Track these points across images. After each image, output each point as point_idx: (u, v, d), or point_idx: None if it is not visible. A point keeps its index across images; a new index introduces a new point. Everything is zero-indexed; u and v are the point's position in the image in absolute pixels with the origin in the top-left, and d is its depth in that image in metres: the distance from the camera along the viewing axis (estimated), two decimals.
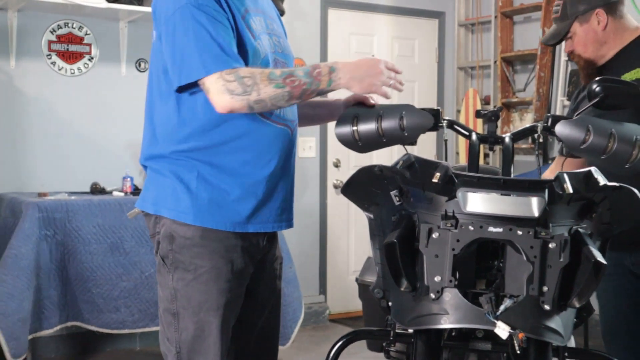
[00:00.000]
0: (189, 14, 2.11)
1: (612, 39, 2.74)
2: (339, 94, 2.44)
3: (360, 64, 2.15)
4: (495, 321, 1.72)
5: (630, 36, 2.74)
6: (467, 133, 2.10)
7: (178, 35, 2.13)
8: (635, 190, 1.82)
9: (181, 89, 2.16)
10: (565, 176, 1.74)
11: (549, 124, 2.03)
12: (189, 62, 2.11)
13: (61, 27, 4.82)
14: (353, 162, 5.79)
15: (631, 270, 2.67)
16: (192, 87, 2.16)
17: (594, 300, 2.07)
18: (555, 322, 1.78)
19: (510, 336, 1.71)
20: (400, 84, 2.16)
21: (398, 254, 1.80)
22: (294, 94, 2.10)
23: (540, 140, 2.09)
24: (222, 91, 2.08)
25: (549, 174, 2.75)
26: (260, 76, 2.08)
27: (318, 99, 2.46)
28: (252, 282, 2.35)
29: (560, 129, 1.99)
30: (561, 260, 1.74)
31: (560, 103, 5.58)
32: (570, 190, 1.73)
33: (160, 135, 2.28)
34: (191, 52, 2.11)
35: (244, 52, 2.20)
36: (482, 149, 2.13)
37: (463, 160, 6.09)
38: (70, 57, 4.86)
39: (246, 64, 2.19)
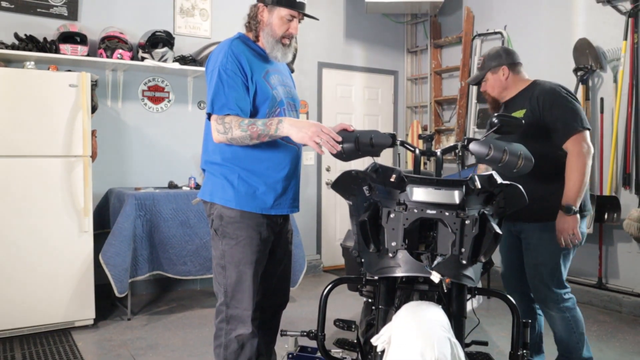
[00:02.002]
0: (217, 73, 2.17)
1: (510, 87, 2.79)
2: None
3: (304, 122, 2.09)
4: (431, 271, 1.72)
5: (522, 85, 2.78)
6: (413, 149, 2.10)
7: (210, 84, 2.20)
8: (520, 186, 1.83)
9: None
10: (476, 177, 1.75)
11: (466, 143, 2.03)
12: (208, 102, 2.19)
13: (151, 81, 4.81)
14: (339, 167, 5.77)
15: (516, 235, 2.75)
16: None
17: (496, 257, 2.08)
18: (469, 271, 1.78)
19: (441, 281, 1.71)
20: (333, 146, 2.02)
21: (368, 227, 1.80)
22: (253, 136, 2.12)
23: (460, 154, 2.09)
24: (214, 129, 2.17)
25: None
26: (235, 123, 2.12)
27: None
28: (273, 246, 2.36)
29: (472, 146, 2.00)
30: (473, 231, 1.74)
31: (472, 130, 5.58)
32: (479, 186, 1.74)
33: (213, 150, 2.28)
34: (209, 97, 2.19)
35: (264, 98, 2.21)
36: (422, 159, 2.12)
37: (410, 167, 6.10)
38: (156, 100, 4.85)
39: (267, 106, 2.21)
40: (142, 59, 4.45)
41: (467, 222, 1.74)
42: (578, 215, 2.53)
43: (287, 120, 2.11)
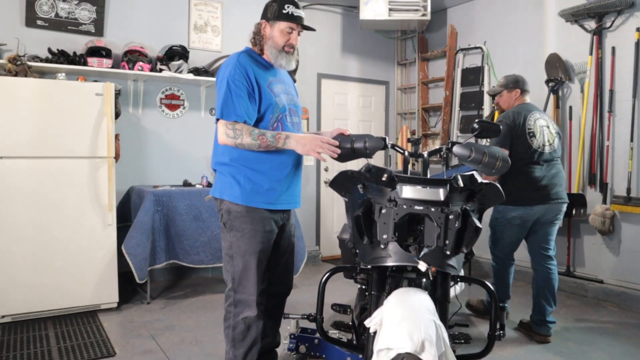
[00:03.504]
0: (225, 83, 2.16)
1: (515, 104, 3.38)
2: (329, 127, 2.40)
3: (306, 138, 2.13)
4: (418, 261, 1.71)
5: (514, 104, 3.40)
6: (402, 151, 2.09)
7: (220, 92, 2.18)
8: (498, 185, 1.83)
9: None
10: (459, 177, 1.73)
11: (450, 146, 2.02)
12: (218, 109, 2.17)
13: (167, 90, 4.78)
14: (336, 168, 5.75)
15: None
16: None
17: (476, 248, 2.07)
18: (452, 261, 1.78)
19: (427, 269, 1.70)
20: (333, 151, 2.11)
21: (362, 222, 1.79)
22: (261, 145, 2.14)
23: (444, 155, 2.08)
24: (222, 132, 2.16)
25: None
26: (246, 131, 2.13)
27: (314, 132, 2.49)
28: (277, 238, 2.34)
29: (455, 149, 1.99)
30: (456, 225, 1.73)
31: (455, 134, 5.56)
32: (462, 185, 1.73)
33: (222, 152, 2.27)
34: (219, 104, 2.17)
35: (268, 104, 2.20)
36: (411, 161, 2.11)
37: (400, 167, 6.09)
38: (172, 107, 4.82)
39: (271, 112, 2.20)
40: (160, 70, 4.44)
41: (451, 217, 1.73)
42: None
43: (293, 136, 2.14)
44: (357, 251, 1.99)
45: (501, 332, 1.99)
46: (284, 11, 2.22)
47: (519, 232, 3.27)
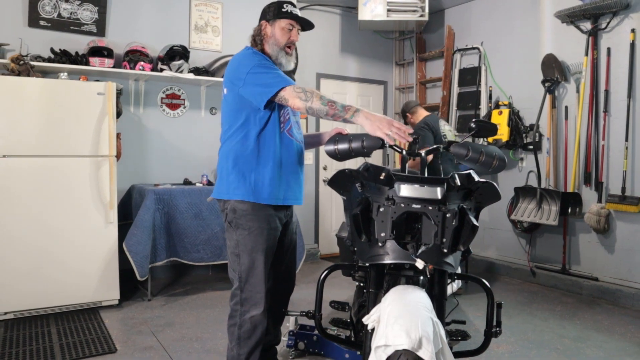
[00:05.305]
0: (259, 67, 2.12)
1: (422, 116, 4.12)
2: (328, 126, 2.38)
3: (377, 116, 1.99)
4: (416, 258, 1.71)
5: (422, 117, 4.14)
6: (400, 150, 2.09)
7: (258, 78, 2.11)
8: (495, 184, 1.82)
9: (265, 106, 2.12)
10: (456, 175, 1.73)
11: (447, 145, 2.02)
12: (270, 86, 2.09)
13: (168, 90, 4.78)
14: (334, 167, 5.76)
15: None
16: (269, 106, 2.13)
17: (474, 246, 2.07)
18: (449, 259, 1.78)
19: (424, 267, 1.70)
20: (404, 138, 1.93)
21: (360, 220, 1.79)
22: (329, 113, 2.07)
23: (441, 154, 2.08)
24: (294, 97, 2.08)
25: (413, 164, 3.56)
26: (316, 95, 2.08)
27: (314, 132, 2.47)
28: (281, 236, 2.33)
29: (453, 148, 1.98)
30: (453, 224, 1.73)
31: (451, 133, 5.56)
32: (459, 184, 1.73)
33: (226, 152, 2.26)
34: (270, 81, 2.10)
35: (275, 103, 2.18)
36: (409, 159, 2.10)
37: (397, 166, 6.08)
38: (173, 106, 4.82)
39: (277, 108, 2.18)
40: (161, 70, 4.43)
41: (448, 215, 1.73)
42: None
43: (362, 111, 2.02)
44: (356, 249, 1.99)
45: (497, 329, 1.99)
46: (283, 9, 2.26)
47: None
